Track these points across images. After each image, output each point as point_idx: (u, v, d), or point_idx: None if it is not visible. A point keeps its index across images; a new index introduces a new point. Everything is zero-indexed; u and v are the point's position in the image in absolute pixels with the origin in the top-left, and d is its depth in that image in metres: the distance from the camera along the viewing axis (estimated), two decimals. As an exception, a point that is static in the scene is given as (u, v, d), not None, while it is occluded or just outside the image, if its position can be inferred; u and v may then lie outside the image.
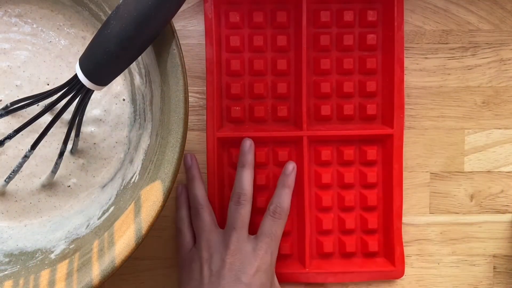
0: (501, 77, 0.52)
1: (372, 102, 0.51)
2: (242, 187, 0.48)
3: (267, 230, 0.47)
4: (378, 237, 0.52)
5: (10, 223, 0.46)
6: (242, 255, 0.46)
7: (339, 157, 0.51)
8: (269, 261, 0.47)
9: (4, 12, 0.45)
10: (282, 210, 0.48)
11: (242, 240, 0.46)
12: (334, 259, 0.52)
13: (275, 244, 0.47)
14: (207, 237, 0.47)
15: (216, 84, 0.50)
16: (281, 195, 0.48)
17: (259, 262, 0.46)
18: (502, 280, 0.53)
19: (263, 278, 0.46)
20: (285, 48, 0.51)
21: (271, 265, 0.47)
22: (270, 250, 0.47)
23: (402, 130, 0.51)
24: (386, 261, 0.52)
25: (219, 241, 0.47)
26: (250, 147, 0.49)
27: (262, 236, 0.47)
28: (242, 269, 0.45)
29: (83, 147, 0.46)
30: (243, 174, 0.48)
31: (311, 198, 0.52)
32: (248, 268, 0.45)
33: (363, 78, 0.51)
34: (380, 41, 0.51)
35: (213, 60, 0.49)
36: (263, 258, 0.46)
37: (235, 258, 0.46)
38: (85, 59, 0.36)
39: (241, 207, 0.47)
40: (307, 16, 0.50)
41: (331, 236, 0.52)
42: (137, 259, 0.51)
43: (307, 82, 0.50)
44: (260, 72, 0.51)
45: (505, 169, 0.53)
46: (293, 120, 0.51)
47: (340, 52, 0.51)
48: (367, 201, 0.52)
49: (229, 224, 0.47)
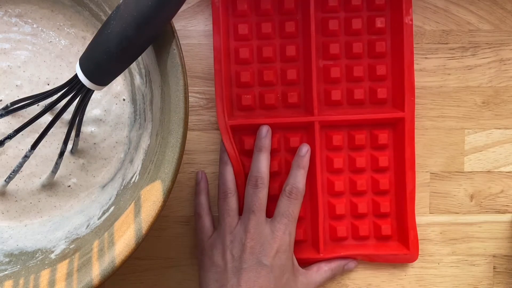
0: (501, 77, 0.52)
1: (383, 85, 0.51)
2: (259, 171, 0.48)
3: (284, 210, 0.48)
4: (391, 221, 0.52)
5: (10, 223, 0.46)
6: (261, 238, 0.47)
7: (350, 141, 0.52)
8: (288, 241, 0.47)
9: (4, 12, 0.46)
10: (298, 190, 0.48)
11: (261, 223, 0.47)
12: (347, 244, 0.52)
13: (293, 224, 0.48)
14: (230, 223, 0.48)
15: (224, 73, 0.50)
16: (297, 175, 0.49)
17: (279, 243, 0.47)
18: (502, 280, 0.53)
19: (283, 258, 0.47)
20: (294, 34, 0.51)
21: (290, 245, 0.48)
22: (288, 230, 0.47)
23: (413, 113, 0.51)
24: (400, 244, 0.52)
25: (239, 226, 0.48)
26: (267, 132, 0.50)
27: (280, 217, 0.48)
28: (262, 252, 0.46)
29: (83, 147, 0.46)
30: (260, 158, 0.49)
31: (323, 183, 0.52)
32: (269, 250, 0.46)
33: (372, 62, 0.51)
34: (389, 24, 0.51)
35: (221, 49, 0.50)
36: (282, 239, 0.47)
37: (255, 241, 0.46)
38: (85, 59, 0.36)
39: (258, 191, 0.48)
40: (315, 2, 0.50)
41: (344, 221, 0.52)
42: (137, 259, 0.51)
43: (317, 67, 0.50)
44: (269, 59, 0.51)
45: (505, 169, 0.53)
46: (303, 106, 0.52)
47: (349, 36, 0.51)
48: (379, 185, 0.52)
49: (247, 208, 0.48)
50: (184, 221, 0.52)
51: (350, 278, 0.53)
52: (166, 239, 0.52)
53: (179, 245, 0.52)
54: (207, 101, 0.51)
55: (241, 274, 0.45)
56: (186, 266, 0.52)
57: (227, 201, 0.49)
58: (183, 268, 0.52)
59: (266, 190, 0.48)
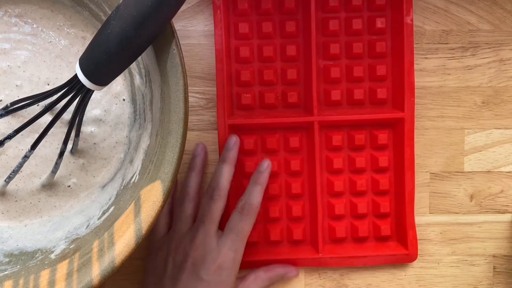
0: (501, 77, 0.52)
1: (382, 86, 0.51)
2: (218, 183, 0.47)
3: (233, 226, 0.47)
4: (390, 221, 0.52)
5: (10, 223, 0.46)
6: (205, 250, 0.45)
7: (350, 142, 0.52)
8: (232, 258, 0.46)
9: (4, 12, 0.46)
10: (250, 207, 0.47)
11: (209, 235, 0.46)
12: (346, 244, 0.52)
13: (241, 241, 0.47)
14: (181, 228, 0.47)
15: (226, 72, 0.50)
16: (252, 191, 0.48)
17: (222, 259, 0.45)
18: (502, 280, 0.53)
19: (224, 275, 0.45)
20: (294, 34, 0.51)
21: (234, 262, 0.46)
22: (234, 246, 0.46)
23: (413, 113, 0.51)
24: (399, 245, 0.52)
25: (188, 234, 0.47)
26: (234, 145, 0.49)
27: (228, 232, 0.47)
28: (203, 265, 0.45)
29: (83, 147, 0.46)
30: (222, 170, 0.48)
31: (323, 183, 0.52)
32: (210, 264, 0.45)
33: (372, 62, 0.51)
34: (389, 24, 0.51)
35: (222, 48, 0.50)
36: (226, 255, 0.46)
37: (198, 253, 0.45)
38: (85, 59, 0.36)
39: (212, 202, 0.47)
40: (315, 1, 0.50)
41: (343, 221, 0.52)
42: (137, 259, 0.51)
43: (317, 67, 0.51)
44: (270, 58, 0.51)
45: (505, 169, 0.53)
46: (303, 106, 0.52)
47: (349, 36, 0.51)
48: (379, 185, 0.52)
49: (199, 218, 0.47)
50: (184, 221, 0.52)
51: (350, 278, 0.53)
52: (166, 239, 0.52)
53: (179, 245, 0.52)
54: (207, 101, 0.51)
55: (177, 286, 0.45)
56: (186, 266, 0.52)
57: (183, 206, 0.48)
58: (183, 268, 0.52)
59: (221, 202, 0.47)
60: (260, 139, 0.52)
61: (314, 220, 0.51)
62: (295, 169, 0.51)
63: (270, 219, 0.52)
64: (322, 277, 0.53)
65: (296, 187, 0.52)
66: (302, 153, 0.52)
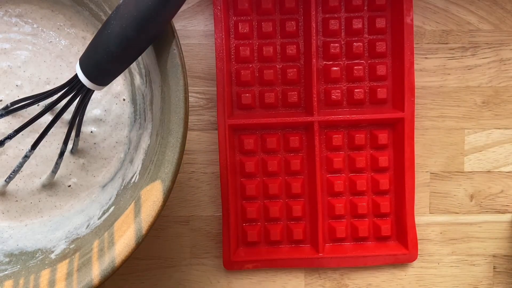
0: (501, 77, 0.52)
1: (383, 86, 0.51)
2: None
3: None
4: (390, 221, 0.52)
5: (10, 223, 0.46)
6: None
7: (350, 142, 0.52)
8: None
9: (4, 12, 0.46)
10: None
11: None
12: (347, 244, 0.52)
13: None
14: None
15: (226, 72, 0.50)
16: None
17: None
18: (502, 280, 0.53)
19: None
20: (294, 34, 0.51)
21: None
22: None
23: (413, 113, 0.51)
24: (399, 244, 0.52)
25: None
26: None
27: None
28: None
29: (84, 147, 0.46)
30: None
31: (323, 183, 0.52)
32: None
33: (372, 62, 0.51)
34: (389, 24, 0.51)
35: (222, 48, 0.50)
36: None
37: None
38: (85, 59, 0.37)
39: None
40: (316, 1, 0.50)
41: (343, 221, 0.52)
42: (137, 259, 0.51)
43: (317, 67, 0.50)
44: (270, 58, 0.51)
45: (505, 169, 0.53)
46: (303, 105, 0.52)
47: (349, 36, 0.51)
48: (379, 185, 0.52)
49: None
50: (184, 221, 0.52)
51: (350, 278, 0.53)
52: (166, 239, 0.52)
53: (179, 245, 0.52)
54: (207, 101, 0.51)
55: None
56: (185, 266, 0.52)
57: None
58: (182, 268, 0.52)
59: None
60: (260, 139, 0.52)
61: (314, 220, 0.51)
62: (295, 169, 0.51)
63: (270, 219, 0.52)
64: (322, 277, 0.53)
65: (296, 187, 0.51)
66: (302, 153, 0.52)
